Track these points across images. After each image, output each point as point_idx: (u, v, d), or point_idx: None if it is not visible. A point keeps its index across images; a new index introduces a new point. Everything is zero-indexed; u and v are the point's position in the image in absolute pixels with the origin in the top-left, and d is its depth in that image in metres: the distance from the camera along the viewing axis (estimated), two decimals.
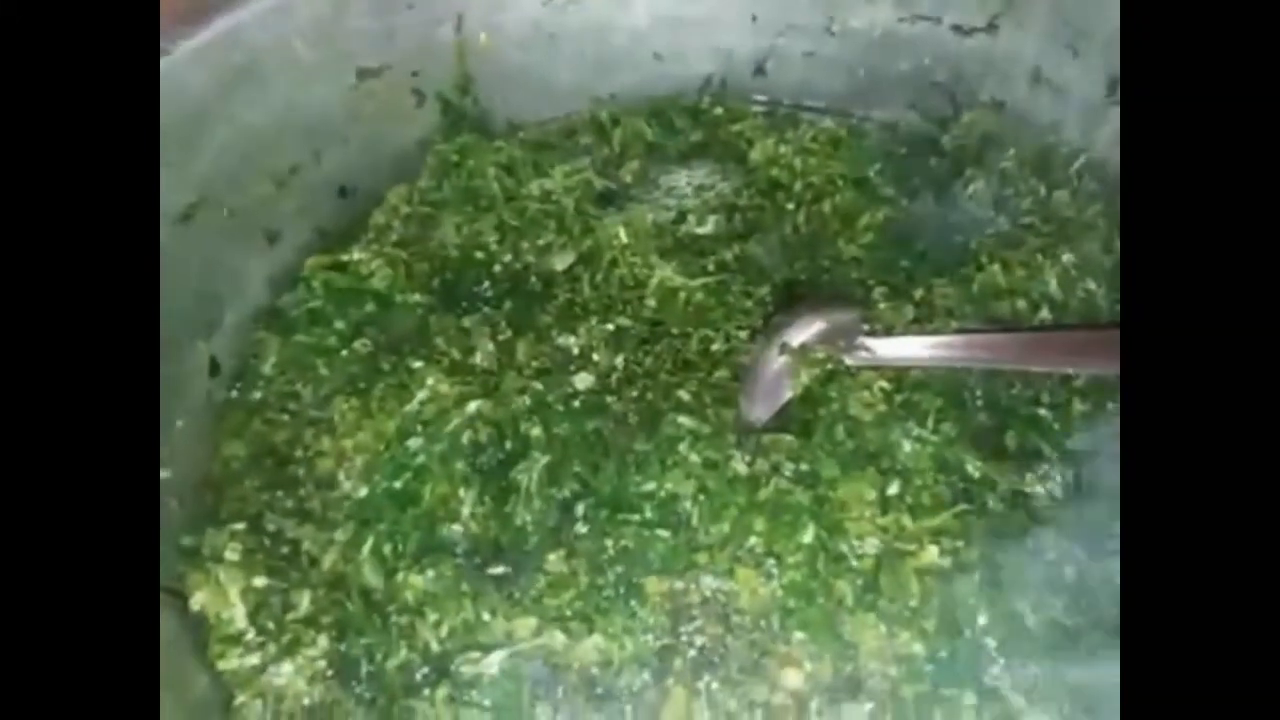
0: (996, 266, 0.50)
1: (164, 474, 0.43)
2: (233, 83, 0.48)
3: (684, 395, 0.48)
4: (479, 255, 0.55)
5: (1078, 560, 0.42)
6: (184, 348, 0.48)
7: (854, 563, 0.41)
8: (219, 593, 0.39)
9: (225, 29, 0.47)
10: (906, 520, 0.41)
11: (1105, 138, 0.56)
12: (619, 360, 0.50)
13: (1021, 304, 0.50)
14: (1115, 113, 0.55)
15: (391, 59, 0.57)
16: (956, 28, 0.60)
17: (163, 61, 0.44)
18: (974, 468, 0.44)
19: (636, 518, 0.43)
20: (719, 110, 0.66)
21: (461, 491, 0.43)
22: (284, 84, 0.52)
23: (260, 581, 0.40)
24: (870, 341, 0.46)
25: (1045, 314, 0.50)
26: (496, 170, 0.60)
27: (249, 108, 0.50)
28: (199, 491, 0.45)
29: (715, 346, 0.51)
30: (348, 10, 0.53)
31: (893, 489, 0.42)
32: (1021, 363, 0.44)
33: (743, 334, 0.52)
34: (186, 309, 0.48)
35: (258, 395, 0.50)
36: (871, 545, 0.41)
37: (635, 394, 0.49)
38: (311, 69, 0.53)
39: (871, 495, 0.42)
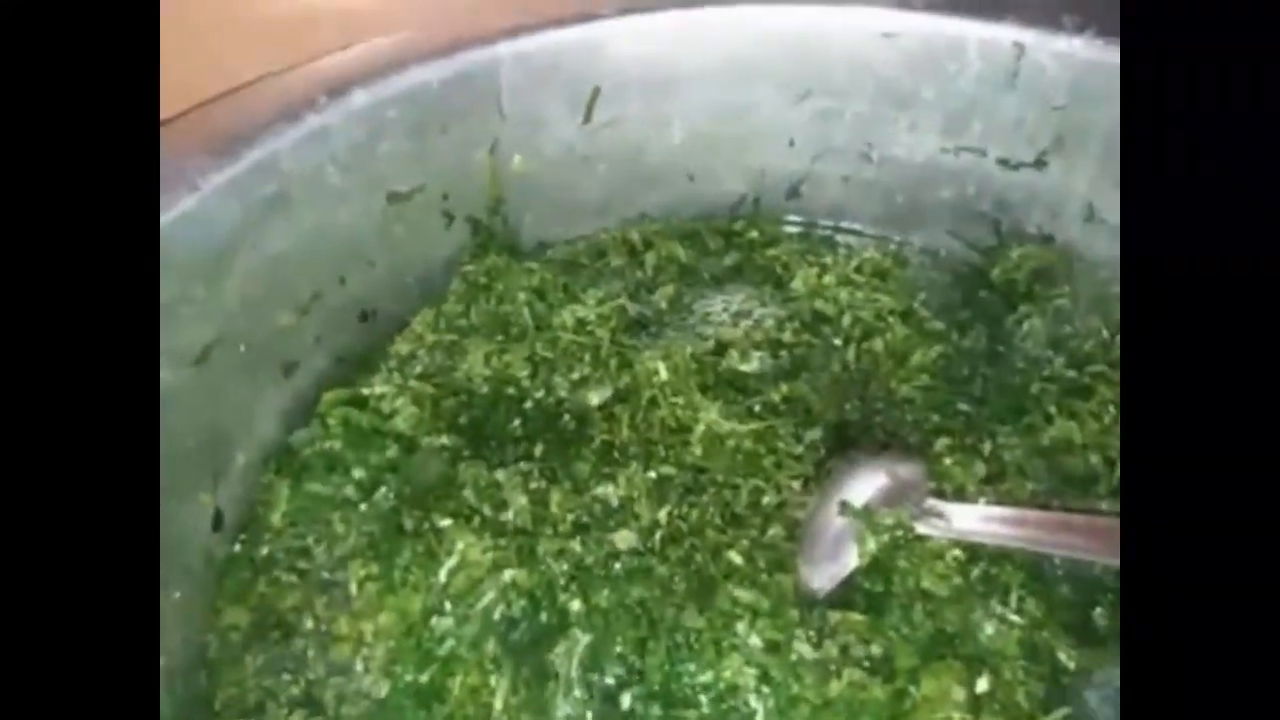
0: (1070, 422, 0.47)
1: None
2: (263, 213, 0.46)
3: (736, 558, 0.44)
4: (509, 390, 0.52)
5: None
6: (186, 502, 0.43)
7: None
8: None
9: (257, 159, 0.45)
10: None
11: None
12: (662, 514, 0.46)
13: (1095, 460, 0.47)
14: None
15: (423, 182, 0.55)
16: (1003, 161, 0.58)
17: (191, 197, 0.42)
18: (1066, 655, 0.40)
19: (693, 714, 0.38)
20: (754, 233, 0.65)
21: (493, 680, 0.38)
22: (314, 211, 0.49)
23: None
24: (943, 507, 0.43)
25: None
26: (527, 295, 0.57)
27: (277, 237, 0.47)
28: (192, 675, 0.40)
29: (766, 499, 0.47)
30: (383, 136, 0.51)
31: (982, 685, 0.38)
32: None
33: (795, 484, 0.48)
34: (192, 457, 0.44)
35: (264, 551, 0.45)
36: None
37: (682, 555, 0.44)
38: (342, 194, 0.51)
39: (960, 694, 0.37)
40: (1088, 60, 0.52)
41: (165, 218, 0.40)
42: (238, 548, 0.46)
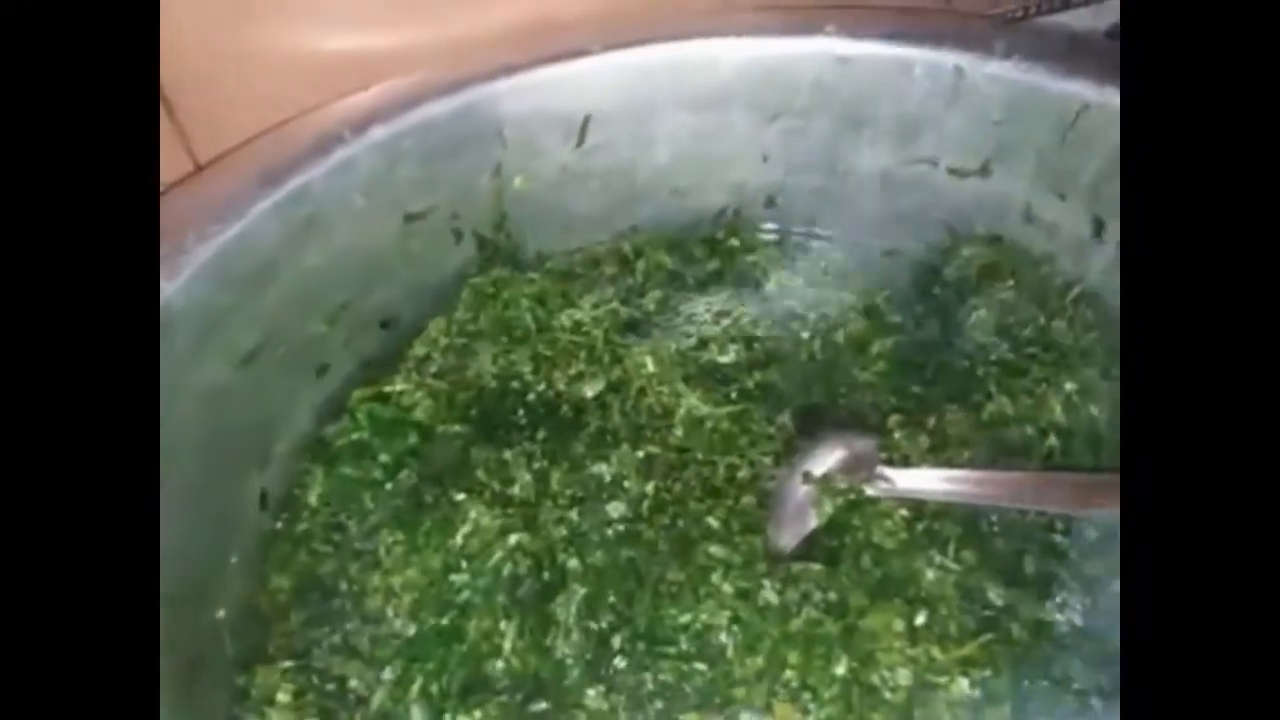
0: (1005, 399, 0.53)
1: (220, 613, 0.45)
2: (300, 233, 0.53)
3: (713, 523, 0.51)
4: (514, 385, 0.59)
5: (1104, 690, 0.43)
6: (239, 481, 0.50)
7: (887, 695, 0.42)
8: None
9: (295, 187, 0.52)
10: (936, 651, 0.43)
11: (1096, 270, 0.60)
12: (649, 487, 0.53)
13: (1029, 430, 0.53)
14: (1103, 249, 0.59)
15: (435, 203, 0.62)
16: (952, 170, 0.65)
17: (241, 220, 0.49)
18: (996, 595, 0.46)
19: (673, 650, 0.44)
20: (734, 241, 0.71)
21: (503, 625, 0.45)
22: (342, 231, 0.56)
23: None
24: (889, 472, 0.49)
25: (1053, 440, 0.52)
26: (529, 302, 0.64)
27: (311, 254, 0.54)
28: (248, 626, 0.47)
29: (741, 473, 0.54)
30: (400, 164, 0.58)
31: (920, 619, 0.44)
32: (1031, 502, 0.47)
33: (766, 459, 0.54)
34: (241, 444, 0.51)
35: (304, 527, 0.52)
36: (903, 677, 0.42)
37: (666, 521, 0.51)
38: (366, 216, 0.58)
39: (900, 625, 0.43)
40: (1017, 81, 0.58)
41: (220, 238, 0.47)
42: (279, 525, 0.53)
